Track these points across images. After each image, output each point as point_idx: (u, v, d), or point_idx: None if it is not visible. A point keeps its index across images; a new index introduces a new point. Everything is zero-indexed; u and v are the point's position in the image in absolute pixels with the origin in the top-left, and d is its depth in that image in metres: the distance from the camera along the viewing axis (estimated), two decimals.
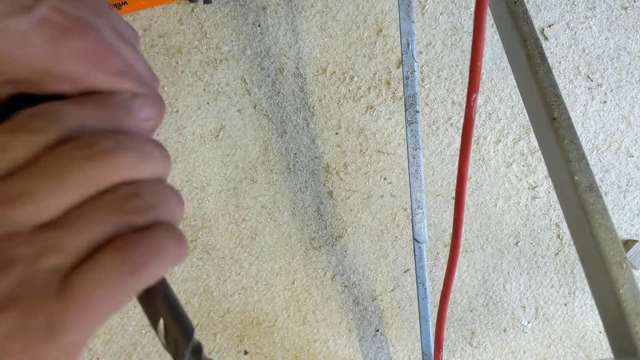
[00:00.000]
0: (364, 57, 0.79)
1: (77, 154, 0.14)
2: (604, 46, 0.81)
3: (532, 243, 0.80)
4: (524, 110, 0.78)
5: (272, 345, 0.77)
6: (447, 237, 0.79)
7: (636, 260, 0.79)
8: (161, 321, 0.18)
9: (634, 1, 0.82)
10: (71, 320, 0.13)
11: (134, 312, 0.76)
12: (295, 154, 0.78)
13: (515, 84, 0.55)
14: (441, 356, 0.62)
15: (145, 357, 0.76)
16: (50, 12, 0.16)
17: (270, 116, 0.78)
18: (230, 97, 0.78)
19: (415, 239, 0.63)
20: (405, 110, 0.58)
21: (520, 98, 0.60)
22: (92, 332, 0.14)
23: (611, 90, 0.80)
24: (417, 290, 0.66)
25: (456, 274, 0.72)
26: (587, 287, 0.80)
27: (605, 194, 0.80)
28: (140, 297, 0.17)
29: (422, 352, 0.69)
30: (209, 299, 0.77)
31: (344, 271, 0.78)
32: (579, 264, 0.80)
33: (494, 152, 0.80)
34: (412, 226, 0.63)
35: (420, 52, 0.80)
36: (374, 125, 0.79)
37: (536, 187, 0.80)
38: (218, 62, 0.78)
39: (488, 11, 0.36)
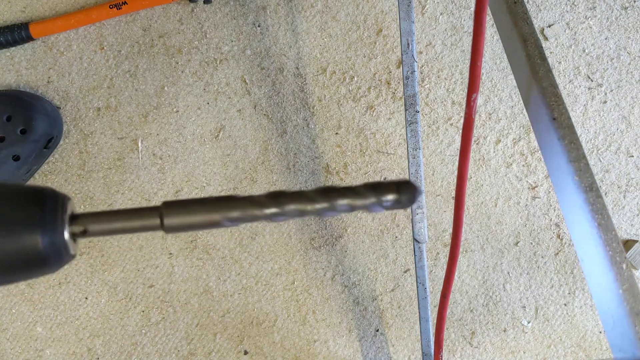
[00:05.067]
0: (364, 57, 0.79)
1: None
2: (604, 46, 0.81)
3: (532, 243, 0.80)
4: (524, 110, 0.78)
5: (272, 345, 0.77)
6: (447, 237, 0.79)
7: (636, 260, 0.79)
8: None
9: (634, 1, 0.82)
10: None
11: (134, 312, 0.76)
12: (295, 154, 0.78)
13: (515, 84, 0.55)
14: (441, 356, 0.62)
15: (145, 357, 0.76)
16: None
17: (270, 116, 0.78)
18: (230, 97, 0.78)
19: (415, 239, 0.63)
20: (405, 110, 0.58)
21: (520, 98, 0.60)
22: None
23: (611, 90, 0.80)
24: (417, 290, 0.66)
25: (456, 274, 0.72)
26: (587, 287, 0.80)
27: (605, 194, 0.80)
28: None
29: (422, 352, 0.69)
30: (209, 299, 0.77)
31: (344, 271, 0.78)
32: (579, 264, 0.80)
33: (494, 152, 0.80)
34: (412, 226, 0.63)
35: (420, 52, 0.80)
36: (374, 125, 0.79)
37: (536, 187, 0.80)
38: (218, 62, 0.78)
39: (488, 11, 0.36)
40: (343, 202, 0.23)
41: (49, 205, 0.22)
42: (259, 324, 0.77)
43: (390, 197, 0.23)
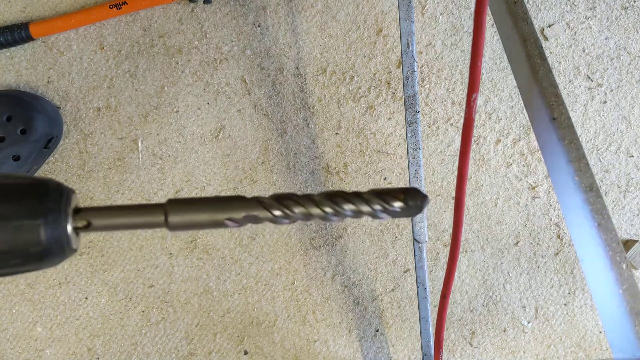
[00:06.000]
0: (364, 57, 0.79)
1: None
2: (604, 46, 0.81)
3: (532, 243, 0.80)
4: (524, 110, 0.77)
5: (272, 345, 0.77)
6: (447, 237, 0.79)
7: (636, 260, 0.79)
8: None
9: (634, 1, 0.82)
10: None
11: (134, 312, 0.76)
12: (295, 154, 0.78)
13: (515, 84, 0.55)
14: (441, 356, 0.62)
15: (145, 357, 0.76)
16: None
17: (270, 116, 0.78)
18: (230, 97, 0.78)
19: (415, 239, 0.63)
20: (405, 110, 0.58)
21: (520, 98, 0.60)
22: None
23: (611, 90, 0.80)
24: (417, 290, 0.66)
25: (456, 274, 0.72)
26: (587, 287, 0.80)
27: (605, 194, 0.80)
28: None
29: (422, 352, 0.69)
30: (209, 299, 0.77)
31: (344, 271, 0.78)
32: (579, 264, 0.80)
33: (494, 152, 0.80)
34: (412, 226, 0.63)
35: (420, 52, 0.80)
36: (374, 125, 0.79)
37: (536, 187, 0.80)
38: (218, 62, 0.78)
39: (488, 11, 0.36)
40: (349, 207, 0.23)
41: (52, 198, 0.22)
42: (259, 324, 0.77)
43: (397, 204, 0.23)
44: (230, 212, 0.22)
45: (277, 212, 0.23)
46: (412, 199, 0.23)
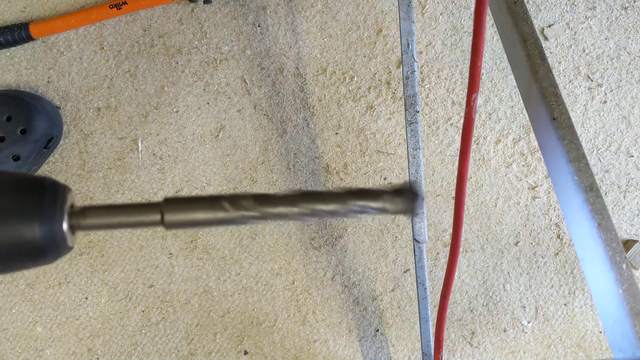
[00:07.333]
0: (364, 57, 0.79)
1: None
2: (604, 46, 0.81)
3: (532, 243, 0.80)
4: (524, 110, 0.77)
5: (272, 345, 0.77)
6: (447, 237, 0.79)
7: (636, 260, 0.79)
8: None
9: (634, 1, 0.82)
10: None
11: (134, 312, 0.76)
12: (295, 154, 0.78)
13: (515, 84, 0.55)
14: (441, 356, 0.62)
15: (145, 357, 0.76)
16: None
17: (270, 116, 0.78)
18: (230, 97, 0.78)
19: (415, 239, 0.63)
20: (405, 110, 0.58)
21: (520, 98, 0.60)
22: None
23: (611, 90, 0.80)
24: (417, 290, 0.66)
25: (456, 274, 0.72)
26: (587, 287, 0.80)
27: (605, 194, 0.80)
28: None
29: (422, 352, 0.69)
30: (209, 299, 0.77)
31: (344, 271, 0.78)
32: (579, 264, 0.80)
33: (494, 152, 0.80)
34: (412, 226, 0.63)
35: (420, 52, 0.80)
36: (374, 125, 0.79)
37: (536, 187, 0.80)
38: (218, 62, 0.78)
39: (488, 11, 0.36)
40: (350, 205, 0.22)
41: (48, 196, 0.22)
42: (259, 324, 0.77)
43: (387, 204, 0.23)
44: (227, 211, 0.22)
45: (274, 210, 0.22)
46: (403, 199, 0.23)
